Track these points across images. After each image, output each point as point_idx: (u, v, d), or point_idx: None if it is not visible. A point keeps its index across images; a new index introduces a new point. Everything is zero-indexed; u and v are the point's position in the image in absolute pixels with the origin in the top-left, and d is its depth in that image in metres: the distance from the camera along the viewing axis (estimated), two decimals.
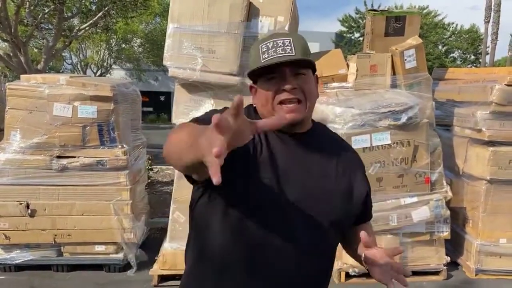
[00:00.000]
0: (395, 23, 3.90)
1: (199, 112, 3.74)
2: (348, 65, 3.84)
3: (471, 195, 3.90)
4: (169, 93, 25.47)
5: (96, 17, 9.87)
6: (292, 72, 1.11)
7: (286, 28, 3.67)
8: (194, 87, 3.60)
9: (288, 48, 1.10)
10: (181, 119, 3.63)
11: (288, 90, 1.10)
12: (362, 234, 1.11)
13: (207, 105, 3.64)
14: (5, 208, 3.61)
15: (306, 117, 1.17)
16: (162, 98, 26.89)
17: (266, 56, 1.11)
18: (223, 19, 3.58)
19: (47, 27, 10.72)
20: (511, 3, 28.63)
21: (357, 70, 3.69)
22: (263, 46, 1.13)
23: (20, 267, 3.75)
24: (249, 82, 1.24)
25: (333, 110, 3.52)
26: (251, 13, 3.67)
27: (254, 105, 1.23)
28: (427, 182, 3.60)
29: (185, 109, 3.71)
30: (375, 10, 4.03)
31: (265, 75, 1.13)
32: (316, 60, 3.93)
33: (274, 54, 1.10)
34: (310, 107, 1.16)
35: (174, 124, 3.67)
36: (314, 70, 1.19)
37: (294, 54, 1.10)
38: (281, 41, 1.12)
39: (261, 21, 3.69)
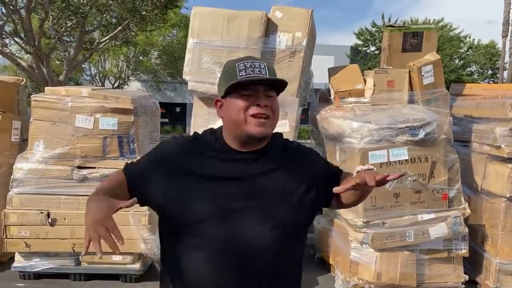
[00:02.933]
0: (413, 39, 3.91)
1: (216, 125, 3.83)
2: (365, 80, 3.86)
3: (490, 213, 3.84)
4: (185, 105, 25.78)
5: (116, 31, 10.11)
6: (265, 93, 1.25)
7: (304, 43, 3.73)
8: (212, 100, 3.66)
9: (263, 71, 1.24)
10: (199, 131, 3.69)
11: (262, 106, 1.23)
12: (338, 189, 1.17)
13: None
14: (26, 216, 3.70)
15: (270, 134, 1.30)
16: (177, 110, 27.19)
17: (244, 74, 1.22)
18: (242, 34, 3.65)
19: (69, 40, 11.03)
20: None
21: (374, 85, 3.70)
22: (240, 64, 1.24)
23: (38, 275, 3.82)
24: None
25: (350, 125, 3.52)
26: (270, 29, 3.74)
27: (213, 128, 1.39)
28: (445, 198, 3.57)
29: (203, 122, 3.78)
30: (392, 26, 4.05)
31: (240, 91, 1.24)
32: (334, 74, 4.00)
33: (252, 73, 1.22)
34: (274, 125, 1.30)
35: None
36: (277, 95, 1.32)
37: (268, 76, 1.24)
38: (258, 63, 1.25)
39: (279, 37, 3.75)
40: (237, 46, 3.63)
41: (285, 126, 3.63)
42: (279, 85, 1.28)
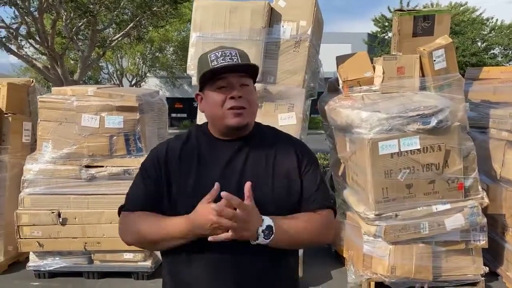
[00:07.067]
0: (424, 23, 3.74)
1: None
2: (374, 68, 3.72)
3: (510, 201, 3.67)
4: None
5: (127, 28, 10.14)
6: (238, 83, 1.27)
7: (309, 32, 3.62)
8: None
9: (234, 58, 1.26)
10: None
11: (236, 98, 1.26)
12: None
13: None
14: (38, 216, 3.73)
15: (250, 122, 1.33)
16: (195, 104, 27.28)
17: (216, 63, 1.25)
18: (244, 26, 3.57)
19: (82, 38, 11.13)
20: None
21: (383, 73, 3.56)
22: (212, 55, 1.28)
23: (53, 274, 3.87)
24: (270, 88, 1.35)
25: (358, 115, 3.40)
26: (273, 18, 3.64)
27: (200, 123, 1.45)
28: (461, 188, 3.41)
29: None
30: (402, 10, 3.89)
31: (214, 83, 1.27)
32: (341, 63, 3.87)
33: (223, 61, 1.25)
34: (253, 114, 1.33)
35: None
36: (254, 81, 1.36)
37: (240, 62, 1.27)
38: (228, 51, 1.28)
39: (283, 26, 3.65)
40: (240, 38, 3.55)
41: (291, 119, 3.54)
42: (254, 72, 1.31)
